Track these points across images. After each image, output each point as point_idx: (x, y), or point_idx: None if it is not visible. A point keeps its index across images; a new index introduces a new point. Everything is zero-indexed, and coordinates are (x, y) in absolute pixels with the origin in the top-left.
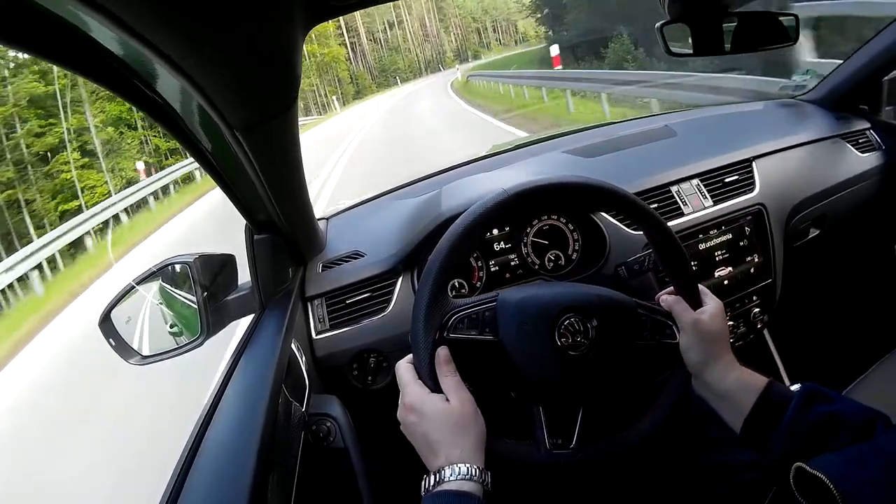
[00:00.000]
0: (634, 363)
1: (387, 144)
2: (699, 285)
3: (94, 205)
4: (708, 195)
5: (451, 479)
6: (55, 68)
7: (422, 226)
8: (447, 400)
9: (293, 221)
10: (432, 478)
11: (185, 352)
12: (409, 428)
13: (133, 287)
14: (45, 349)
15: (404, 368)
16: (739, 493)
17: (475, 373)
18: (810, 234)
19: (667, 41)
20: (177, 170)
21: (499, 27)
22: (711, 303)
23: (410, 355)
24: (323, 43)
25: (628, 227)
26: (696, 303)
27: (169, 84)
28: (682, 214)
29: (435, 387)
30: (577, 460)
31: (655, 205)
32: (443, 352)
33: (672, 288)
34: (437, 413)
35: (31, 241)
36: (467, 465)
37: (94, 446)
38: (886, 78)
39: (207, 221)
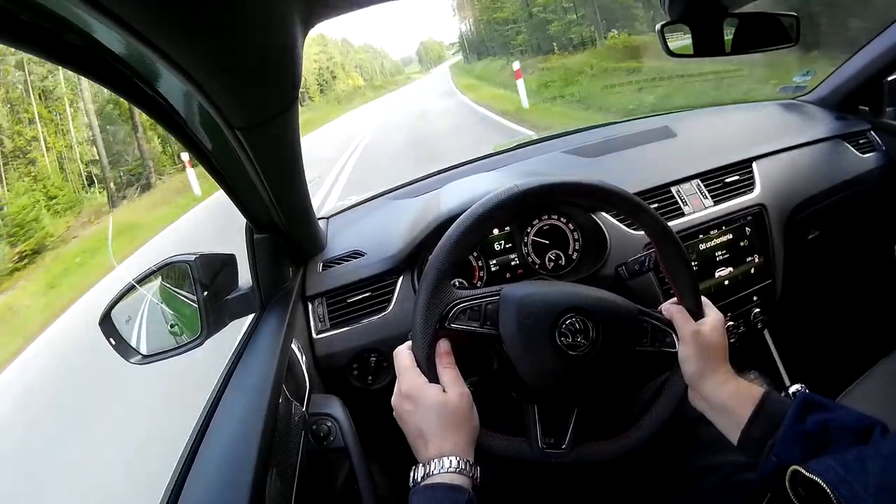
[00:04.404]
0: (632, 368)
1: None
2: (702, 297)
3: None
4: (708, 195)
5: (442, 471)
6: None
7: (422, 225)
8: (444, 391)
9: (293, 221)
10: (422, 469)
11: (186, 351)
12: (402, 416)
13: (133, 286)
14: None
15: (404, 355)
16: (735, 495)
17: (473, 366)
18: (810, 234)
19: (667, 42)
20: None
21: None
22: (712, 314)
23: (410, 342)
24: None
25: (629, 227)
26: (697, 314)
27: (170, 84)
28: (683, 214)
29: (432, 377)
30: (569, 461)
31: (656, 205)
32: (443, 344)
33: (675, 298)
34: (433, 404)
35: None
36: (458, 459)
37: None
38: (887, 79)
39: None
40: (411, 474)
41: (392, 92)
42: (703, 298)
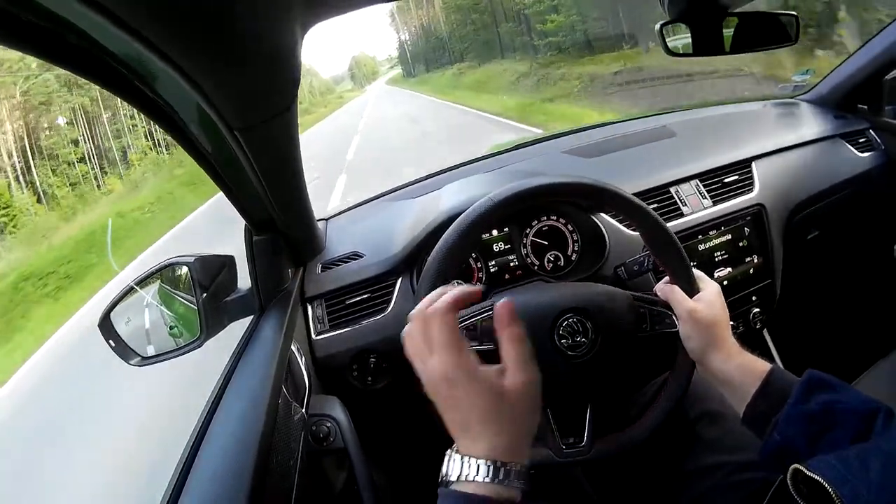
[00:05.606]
0: (637, 356)
1: None
2: (696, 271)
3: None
4: (707, 195)
5: (493, 481)
6: None
7: (421, 226)
8: (503, 374)
9: (292, 222)
10: (465, 466)
11: (185, 353)
12: (443, 404)
13: (133, 288)
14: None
15: (441, 327)
16: (735, 495)
17: None
18: (810, 234)
19: (667, 41)
20: None
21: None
22: (708, 287)
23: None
24: None
25: (628, 227)
26: (691, 290)
27: (169, 84)
28: (682, 215)
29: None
30: (592, 458)
31: (655, 205)
32: (506, 308)
33: (668, 277)
34: (488, 392)
35: None
36: (512, 467)
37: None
38: (887, 78)
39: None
40: (447, 464)
41: (324, 119)
42: (698, 272)
